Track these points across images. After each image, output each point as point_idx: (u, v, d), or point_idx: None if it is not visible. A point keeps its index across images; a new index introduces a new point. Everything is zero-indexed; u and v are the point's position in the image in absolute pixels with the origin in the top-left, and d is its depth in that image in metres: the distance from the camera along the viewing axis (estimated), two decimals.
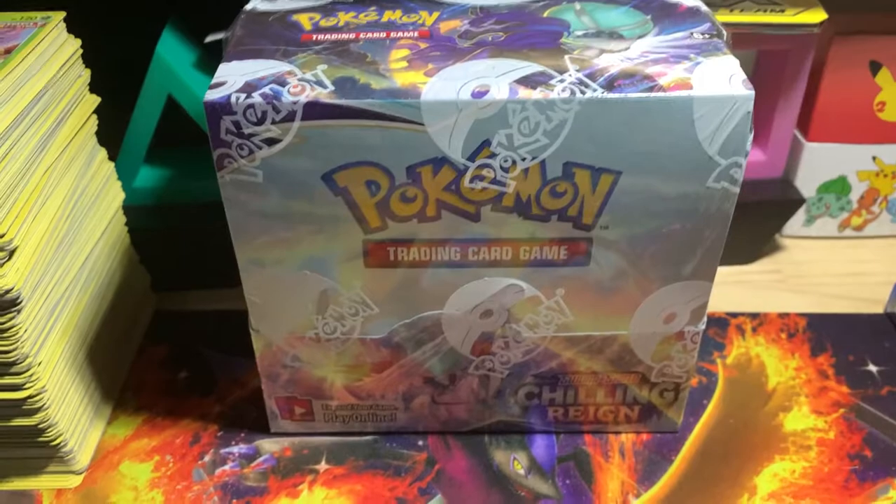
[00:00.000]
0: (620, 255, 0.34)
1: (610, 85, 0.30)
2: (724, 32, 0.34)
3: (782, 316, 0.49)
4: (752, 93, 0.30)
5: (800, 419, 0.42)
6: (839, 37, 0.48)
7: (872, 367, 0.45)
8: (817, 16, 0.44)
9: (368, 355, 0.38)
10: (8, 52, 0.37)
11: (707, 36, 0.34)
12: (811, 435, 0.41)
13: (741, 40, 0.45)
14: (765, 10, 0.45)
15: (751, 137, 0.31)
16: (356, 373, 0.39)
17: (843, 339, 0.47)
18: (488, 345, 0.38)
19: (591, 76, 0.31)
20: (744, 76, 0.31)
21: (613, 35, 0.34)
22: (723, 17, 0.44)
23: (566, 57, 0.32)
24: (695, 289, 0.36)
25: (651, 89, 0.30)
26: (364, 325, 0.37)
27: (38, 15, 0.40)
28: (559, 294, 0.36)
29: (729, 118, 0.30)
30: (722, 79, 0.31)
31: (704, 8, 0.36)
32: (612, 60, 0.32)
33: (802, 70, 0.47)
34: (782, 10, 0.45)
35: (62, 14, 0.40)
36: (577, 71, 0.31)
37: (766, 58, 0.49)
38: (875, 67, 0.49)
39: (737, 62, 0.32)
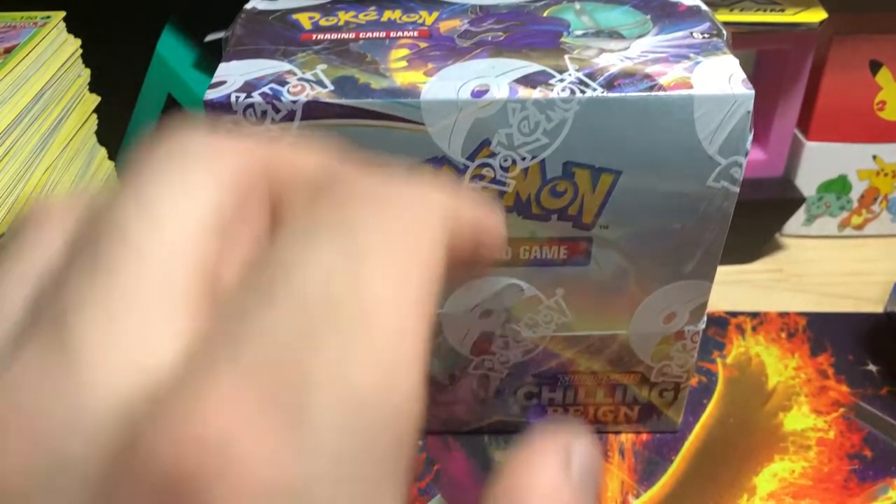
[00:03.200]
0: (620, 254, 0.34)
1: (610, 84, 0.30)
2: (725, 32, 0.34)
3: (782, 315, 0.49)
4: (752, 92, 0.30)
5: (799, 419, 0.42)
6: (839, 36, 0.48)
7: (872, 367, 0.45)
8: (817, 15, 0.44)
9: None
10: (8, 51, 0.37)
11: (707, 35, 0.34)
12: (811, 435, 0.41)
13: (741, 40, 0.45)
14: (764, 10, 0.45)
15: (751, 137, 0.31)
16: None
17: (843, 339, 0.47)
18: (488, 344, 0.38)
19: (591, 76, 0.31)
20: (744, 76, 0.31)
21: (613, 35, 0.34)
22: (722, 16, 0.44)
23: (566, 56, 0.32)
24: (695, 288, 0.36)
25: (651, 88, 0.30)
26: None
27: (38, 14, 0.40)
28: (559, 294, 0.36)
29: (729, 117, 0.30)
30: (722, 78, 0.31)
31: (704, 7, 0.36)
32: (612, 60, 0.32)
33: (803, 69, 0.47)
34: (782, 10, 0.45)
35: (62, 14, 0.40)
36: (577, 70, 0.31)
37: (766, 57, 0.49)
38: (875, 67, 0.49)
39: (736, 62, 0.32)
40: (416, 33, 0.35)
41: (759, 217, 0.51)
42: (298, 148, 0.15)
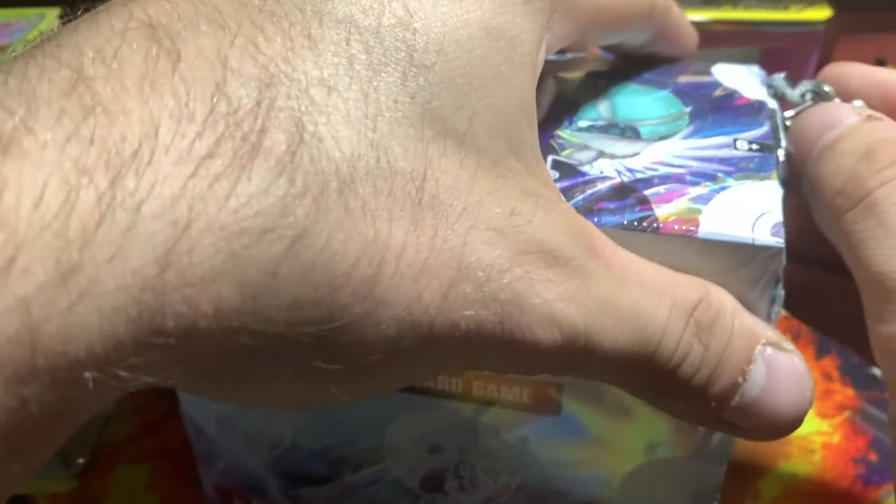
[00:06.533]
0: (599, 406, 0.27)
1: (588, 209, 0.23)
2: (784, 141, 0.26)
3: (787, 317, 0.48)
4: (782, 245, 0.22)
5: (804, 422, 0.42)
6: (844, 34, 0.48)
7: (877, 370, 0.45)
8: (822, 13, 0.44)
9: (304, 465, 0.32)
10: (2, 49, 0.36)
11: (756, 147, 0.25)
12: (815, 439, 0.41)
13: (745, 38, 0.45)
14: (769, 7, 0.44)
15: (781, 297, 0.23)
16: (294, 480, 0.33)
17: None
18: (440, 483, 0.31)
19: (569, 192, 0.23)
20: (778, 219, 0.22)
21: (627, 131, 0.26)
22: (726, 13, 0.44)
23: (550, 158, 0.25)
24: (703, 465, 0.29)
25: (640, 221, 0.22)
26: (297, 432, 0.30)
27: (33, 12, 0.40)
28: (522, 439, 0.28)
29: (745, 273, 0.22)
30: (746, 218, 0.22)
31: (772, 105, 0.27)
32: (609, 170, 0.24)
33: (807, 68, 0.47)
34: (787, 7, 0.44)
35: (57, 11, 0.40)
36: (556, 180, 0.24)
37: (770, 55, 0.48)
38: (879, 65, 0.49)
39: (777, 191, 0.23)
40: None
41: None
42: None
